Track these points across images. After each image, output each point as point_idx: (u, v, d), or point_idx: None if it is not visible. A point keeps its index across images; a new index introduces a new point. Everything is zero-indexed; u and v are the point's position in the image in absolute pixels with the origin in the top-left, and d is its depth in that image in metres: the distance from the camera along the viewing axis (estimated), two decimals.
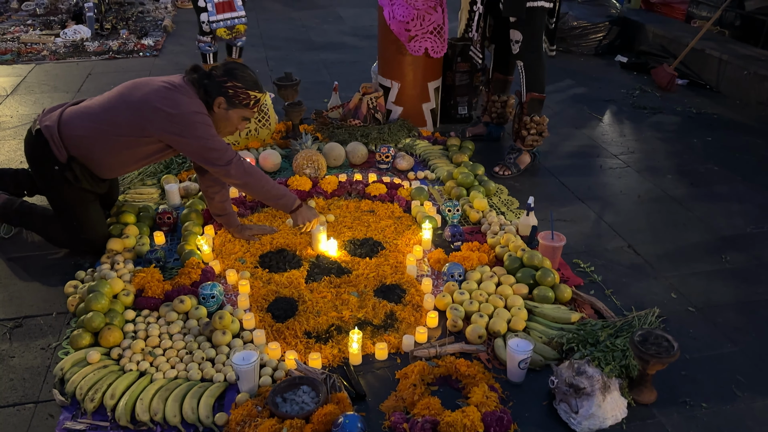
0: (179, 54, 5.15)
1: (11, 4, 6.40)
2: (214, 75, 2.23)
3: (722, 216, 2.80)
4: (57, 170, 2.25)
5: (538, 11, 2.92)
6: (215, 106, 2.24)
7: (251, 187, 2.32)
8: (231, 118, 2.29)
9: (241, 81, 2.23)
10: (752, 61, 4.22)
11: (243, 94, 2.24)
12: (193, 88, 2.22)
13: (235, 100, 2.24)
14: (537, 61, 3.03)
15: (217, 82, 2.22)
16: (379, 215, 2.75)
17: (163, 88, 2.19)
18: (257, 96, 2.28)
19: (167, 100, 2.16)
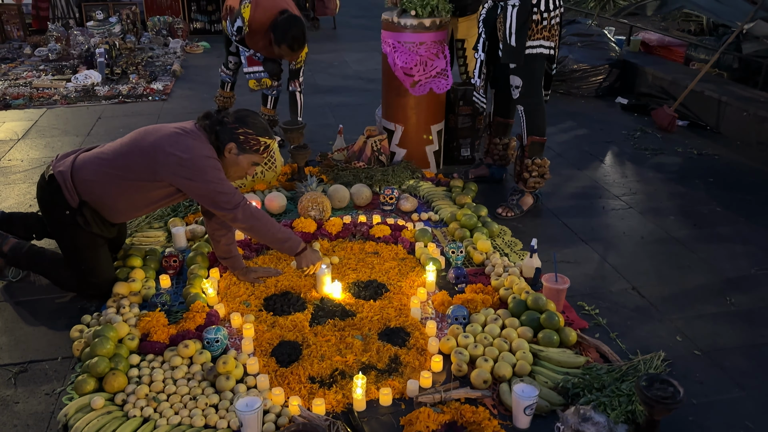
0: (188, 98, 5.25)
1: (25, 50, 6.56)
2: (226, 122, 2.31)
3: (726, 257, 2.80)
4: (68, 215, 2.29)
5: (537, 57, 2.99)
6: (226, 152, 2.30)
7: (257, 231, 2.36)
8: (241, 163, 2.34)
9: (252, 127, 2.31)
10: (751, 103, 4.28)
11: (253, 140, 2.31)
12: (204, 133, 2.29)
13: (246, 145, 2.31)
14: (537, 105, 3.09)
15: (229, 129, 2.29)
16: (384, 257, 2.77)
17: (175, 133, 2.25)
18: (267, 142, 2.35)
19: (179, 145, 2.22)
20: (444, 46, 3.51)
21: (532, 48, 2.95)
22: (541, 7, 2.90)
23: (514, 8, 2.90)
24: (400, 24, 3.42)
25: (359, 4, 10.29)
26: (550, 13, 2.94)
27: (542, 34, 2.95)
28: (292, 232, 2.48)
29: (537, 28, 2.93)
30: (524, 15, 2.90)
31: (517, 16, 2.90)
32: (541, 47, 2.96)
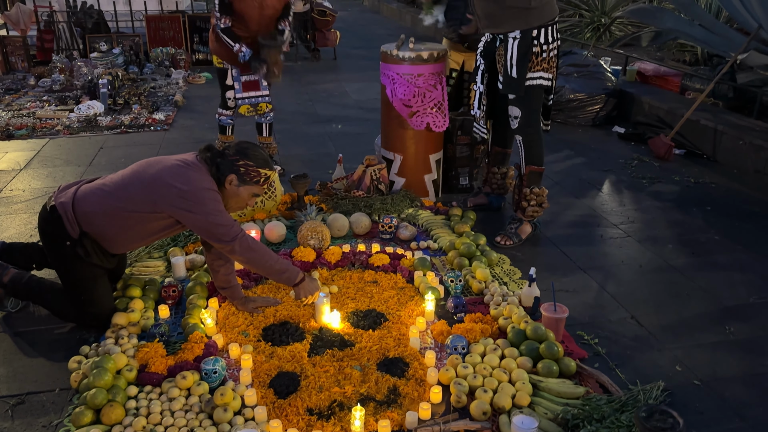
0: (189, 128, 5.31)
1: (29, 81, 6.65)
2: (227, 154, 2.35)
3: (725, 286, 2.81)
4: (69, 245, 2.30)
5: (537, 88, 3.04)
6: (227, 183, 2.34)
7: (255, 263, 2.38)
8: (241, 195, 2.38)
9: (252, 159, 2.35)
10: (747, 131, 4.32)
11: (254, 171, 2.35)
12: (205, 165, 2.33)
13: (246, 177, 2.35)
14: (535, 135, 3.13)
15: (230, 161, 2.33)
16: (382, 286, 2.77)
17: (176, 165, 2.29)
18: (267, 173, 2.39)
19: (179, 177, 2.25)
20: (441, 78, 3.57)
21: (532, 79, 3.01)
22: (541, 39, 2.96)
23: (515, 41, 2.96)
24: (398, 56, 3.48)
25: (359, 35, 10.46)
26: (549, 45, 3.00)
27: (542, 65, 3.00)
28: (290, 263, 2.50)
29: (537, 60, 2.99)
30: (525, 47, 2.96)
31: (518, 49, 2.96)
32: (541, 78, 3.02)
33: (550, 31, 3.00)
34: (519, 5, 2.90)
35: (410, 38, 3.63)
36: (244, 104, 4.08)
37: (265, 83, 4.11)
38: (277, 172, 3.45)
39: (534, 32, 2.95)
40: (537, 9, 2.92)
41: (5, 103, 5.91)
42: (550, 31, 3.00)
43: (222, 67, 4.04)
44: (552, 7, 3.01)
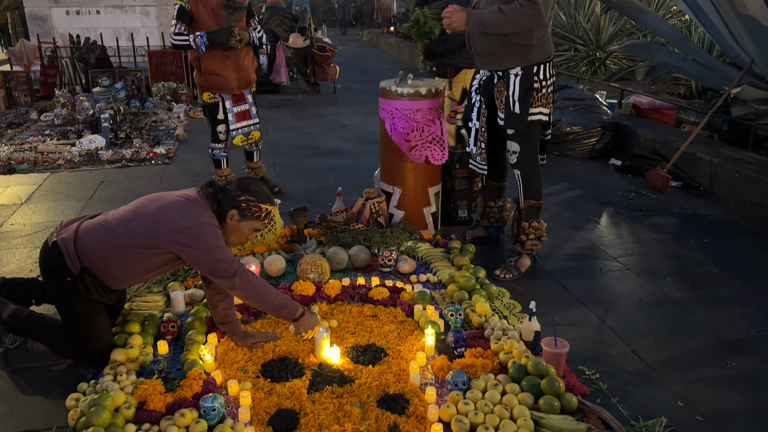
0: (190, 161, 5.35)
1: (31, 115, 6.73)
2: (228, 189, 2.37)
3: (725, 319, 2.80)
4: (69, 281, 2.31)
5: (535, 124, 3.09)
6: (228, 218, 2.36)
7: (254, 298, 2.38)
8: (242, 230, 2.40)
9: (254, 195, 2.38)
10: (742, 164, 4.36)
11: (255, 207, 2.37)
12: (207, 201, 2.35)
13: (248, 212, 2.37)
14: (533, 170, 3.16)
15: (231, 196, 2.36)
16: (382, 320, 2.77)
17: (178, 201, 2.31)
18: (268, 209, 2.41)
19: (181, 212, 2.27)
20: (439, 112, 3.62)
21: (533, 115, 3.05)
22: (540, 75, 3.02)
23: (516, 77, 3.02)
24: (397, 92, 3.54)
25: (358, 69, 10.62)
26: (547, 81, 3.06)
27: (541, 101, 3.06)
28: (290, 298, 2.50)
29: (537, 96, 3.04)
30: (527, 83, 3.01)
31: (520, 85, 3.01)
32: (540, 114, 3.07)
33: (548, 68, 3.06)
34: (522, 42, 2.96)
35: (408, 74, 3.69)
36: (238, 134, 4.16)
37: (255, 111, 4.20)
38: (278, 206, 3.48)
39: (534, 68, 3.01)
40: (538, 46, 2.98)
41: (7, 138, 5.96)
42: (548, 68, 3.06)
43: (212, 102, 4.08)
44: (550, 45, 3.09)
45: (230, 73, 3.99)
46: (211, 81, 3.98)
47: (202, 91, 4.09)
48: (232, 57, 3.96)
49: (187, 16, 3.81)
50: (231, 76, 4.00)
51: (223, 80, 3.98)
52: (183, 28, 3.81)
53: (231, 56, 3.95)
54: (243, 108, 4.16)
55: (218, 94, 4.07)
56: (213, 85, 4.00)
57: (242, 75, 4.06)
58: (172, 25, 3.83)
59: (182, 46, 3.86)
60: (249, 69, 4.11)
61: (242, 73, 4.05)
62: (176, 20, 3.81)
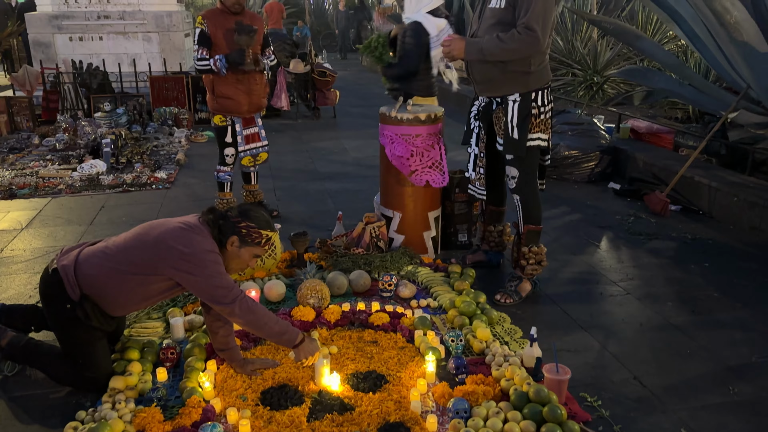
0: (191, 186, 5.37)
1: (33, 140, 6.76)
2: (229, 216, 2.38)
3: (726, 345, 2.79)
4: (69, 308, 2.31)
5: (534, 149, 3.11)
6: (228, 245, 2.36)
7: (254, 325, 2.38)
8: (242, 256, 2.40)
9: (254, 221, 2.39)
10: (741, 188, 4.38)
11: (255, 233, 2.38)
12: (207, 228, 2.35)
13: (248, 239, 2.38)
14: (532, 195, 3.18)
15: (232, 223, 2.37)
16: (383, 346, 2.75)
17: (179, 228, 2.32)
18: (269, 235, 2.42)
19: (181, 239, 2.28)
20: (439, 138, 3.65)
21: (531, 140, 3.08)
22: (539, 101, 3.06)
23: (515, 103, 3.05)
24: (396, 118, 3.57)
25: (358, 94, 10.71)
26: (545, 107, 3.09)
27: (539, 127, 3.09)
28: (290, 325, 2.49)
29: (535, 122, 3.07)
30: (525, 110, 3.04)
31: (518, 111, 3.05)
32: (539, 139, 3.10)
33: (546, 94, 3.10)
34: (519, 69, 2.99)
35: (408, 100, 3.73)
36: (246, 156, 4.28)
37: (263, 133, 4.34)
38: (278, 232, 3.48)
39: (533, 95, 3.04)
40: (536, 73, 3.02)
41: (9, 163, 5.99)
42: (546, 94, 3.10)
43: (222, 126, 4.19)
44: (548, 71, 3.13)
45: (242, 97, 4.11)
46: (224, 104, 4.11)
47: (214, 113, 4.21)
48: (245, 81, 4.08)
49: (208, 40, 3.96)
50: (242, 100, 4.12)
51: (235, 104, 4.11)
52: (205, 53, 3.97)
53: (243, 80, 4.07)
54: (253, 131, 4.30)
55: (229, 117, 4.19)
56: (225, 108, 4.13)
57: (253, 99, 4.18)
58: (195, 51, 4.00)
59: (205, 70, 4.01)
60: (260, 94, 4.23)
61: (253, 98, 4.17)
62: (198, 45, 3.97)
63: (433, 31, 3.95)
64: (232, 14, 3.99)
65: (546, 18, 2.89)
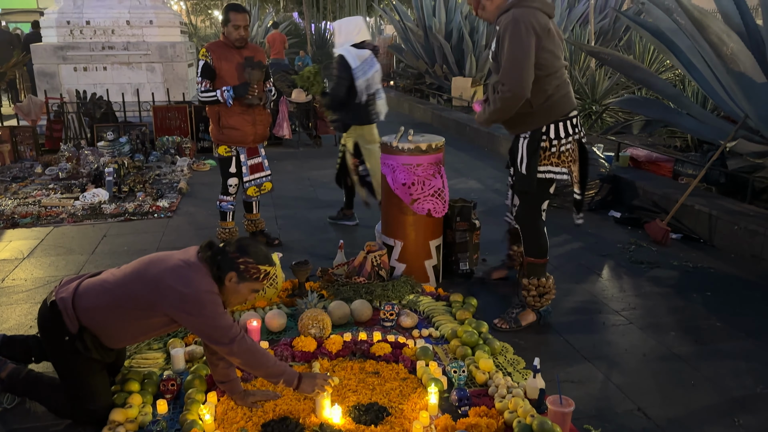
0: (193, 214, 5.38)
1: (36, 169, 6.80)
2: (227, 251, 2.37)
3: (730, 375, 2.77)
4: (67, 341, 2.30)
5: (544, 182, 3.11)
6: (226, 281, 2.35)
7: (252, 365, 2.38)
8: (241, 291, 2.40)
9: (252, 257, 2.37)
10: (741, 217, 4.39)
11: (254, 268, 2.37)
12: (206, 265, 2.34)
13: (246, 274, 2.36)
14: (532, 227, 3.18)
15: (230, 258, 2.35)
16: (384, 377, 2.73)
17: (178, 266, 2.31)
18: (267, 270, 2.41)
19: (181, 279, 2.28)
20: (440, 167, 3.68)
21: (540, 173, 3.09)
22: (551, 134, 3.06)
23: (524, 140, 3.08)
24: (398, 147, 3.60)
25: None
26: (561, 140, 3.07)
27: (550, 160, 3.09)
28: (288, 367, 2.47)
29: (545, 155, 3.08)
30: (534, 145, 3.06)
31: (527, 147, 3.08)
32: (550, 172, 3.10)
33: (563, 126, 3.06)
34: (521, 111, 3.01)
35: (409, 130, 3.77)
36: (251, 186, 4.32)
37: (267, 163, 4.40)
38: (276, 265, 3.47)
39: (543, 128, 3.05)
40: (540, 111, 3.02)
41: (11, 192, 6.02)
42: (563, 126, 3.06)
43: (227, 156, 4.23)
44: (561, 105, 3.06)
45: (248, 128, 4.17)
46: (230, 135, 4.17)
47: (219, 144, 4.26)
48: (250, 112, 4.15)
49: (212, 72, 4.03)
50: (248, 130, 4.18)
51: (241, 134, 4.17)
52: (208, 85, 4.04)
53: (249, 111, 4.14)
54: (257, 161, 4.36)
55: (234, 147, 4.24)
56: (231, 138, 4.19)
57: (258, 129, 4.25)
58: (198, 83, 4.07)
59: (210, 102, 4.08)
60: (265, 124, 4.31)
61: (258, 128, 4.24)
62: (201, 77, 4.04)
63: (354, 62, 4.39)
64: (236, 48, 4.05)
65: (517, 69, 2.86)
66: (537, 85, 2.95)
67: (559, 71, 3.04)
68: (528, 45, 2.85)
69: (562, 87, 3.07)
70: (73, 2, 8.90)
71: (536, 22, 2.87)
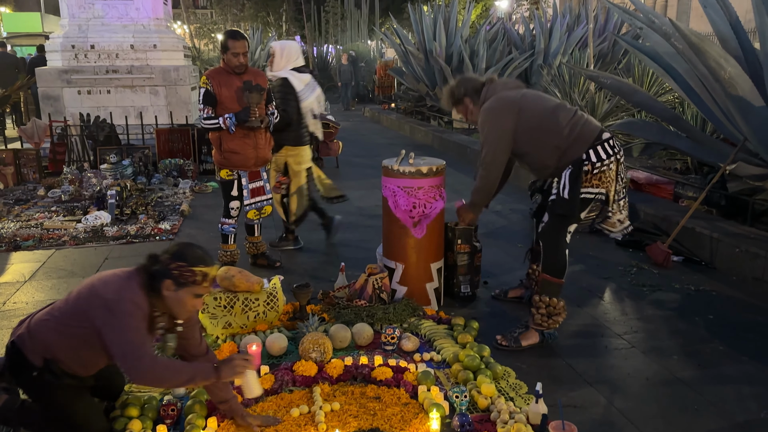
0: (195, 237, 5.38)
1: (38, 192, 6.84)
2: (161, 259, 2.28)
3: (734, 400, 2.75)
4: (36, 376, 2.26)
5: (582, 202, 3.16)
6: (164, 290, 2.25)
7: (162, 383, 2.32)
8: (182, 299, 2.28)
9: (185, 260, 2.25)
10: (742, 239, 4.39)
11: (188, 272, 2.24)
12: (141, 277, 2.27)
13: (181, 279, 2.25)
14: (554, 244, 3.19)
15: (164, 266, 2.26)
16: (386, 402, 2.72)
17: (112, 275, 2.28)
18: (203, 271, 2.27)
19: (108, 286, 2.23)
20: (441, 190, 3.70)
21: (585, 193, 3.15)
22: (593, 159, 3.10)
23: (568, 170, 3.12)
24: (399, 171, 3.63)
25: (360, 144, 10.86)
26: (603, 161, 3.11)
27: (591, 182, 3.13)
28: (197, 366, 2.37)
29: (586, 177, 3.12)
30: (577, 172, 3.11)
31: (570, 175, 3.12)
32: (589, 193, 3.14)
33: (601, 149, 3.12)
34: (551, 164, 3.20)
35: (410, 153, 3.79)
36: (252, 209, 4.35)
37: (268, 187, 4.43)
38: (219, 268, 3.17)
39: (584, 156, 3.11)
40: (568, 150, 3.14)
41: (14, 214, 6.03)
42: (601, 149, 3.12)
43: (229, 180, 4.26)
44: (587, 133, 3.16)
45: (249, 152, 4.20)
46: (231, 159, 4.20)
47: (221, 168, 4.29)
48: (251, 136, 4.18)
49: (213, 99, 4.07)
50: (250, 154, 4.21)
51: (242, 158, 4.20)
52: (211, 112, 4.08)
53: (250, 135, 4.17)
54: (258, 184, 4.38)
55: (236, 171, 4.26)
56: (232, 162, 4.22)
57: (260, 153, 4.27)
58: (200, 110, 4.12)
59: (213, 128, 4.13)
60: (266, 147, 4.33)
61: (260, 152, 4.27)
62: (203, 104, 4.08)
63: (299, 85, 4.57)
64: (236, 74, 4.10)
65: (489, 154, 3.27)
66: (544, 148, 3.20)
67: (559, 119, 3.17)
68: (497, 130, 3.25)
69: (576, 124, 3.17)
70: (78, 27, 9.01)
71: (505, 105, 3.24)
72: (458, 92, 3.48)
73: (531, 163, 3.37)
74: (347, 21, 24.68)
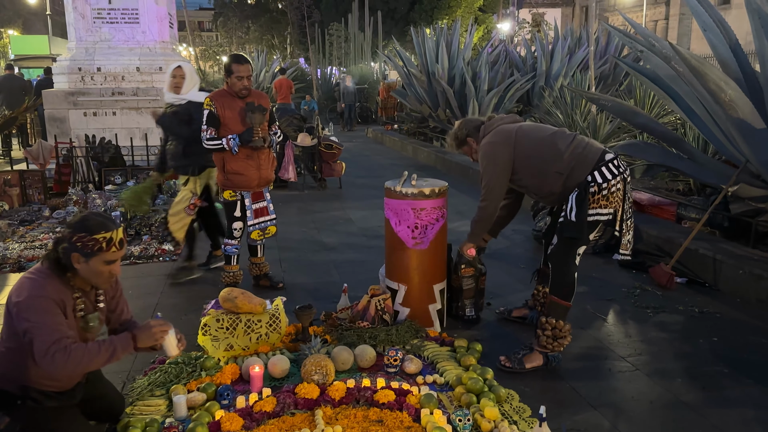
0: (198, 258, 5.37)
1: (43, 213, 6.87)
2: (65, 236, 2.27)
3: (739, 424, 2.73)
4: (21, 404, 2.26)
5: (591, 224, 3.17)
6: (75, 264, 2.25)
7: (82, 366, 2.24)
8: (95, 268, 2.27)
9: (86, 230, 2.24)
10: (746, 261, 4.39)
11: (90, 241, 2.23)
12: (47, 265, 2.27)
13: (86, 250, 2.24)
14: (563, 266, 3.20)
15: (67, 241, 2.25)
16: (388, 425, 2.70)
17: (22, 278, 2.27)
18: (106, 236, 2.25)
19: (17, 290, 2.23)
20: (443, 211, 3.71)
21: (590, 216, 3.15)
22: (598, 179, 3.12)
23: (575, 192, 3.14)
24: (401, 192, 3.65)
25: (363, 165, 10.91)
26: (609, 182, 3.13)
27: (599, 203, 3.14)
28: (112, 340, 2.32)
29: (593, 198, 3.13)
30: (583, 194, 3.12)
31: (575, 199, 3.14)
32: (597, 215, 3.16)
33: (606, 170, 3.13)
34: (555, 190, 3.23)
35: (413, 175, 3.82)
36: (255, 230, 4.37)
37: (272, 207, 4.46)
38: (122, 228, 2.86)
39: (588, 177, 3.13)
40: (569, 178, 3.17)
41: (19, 235, 6.06)
42: (606, 170, 3.13)
43: (232, 201, 4.29)
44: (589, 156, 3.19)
45: (252, 172, 4.23)
46: (234, 180, 4.23)
47: (224, 189, 4.33)
48: (254, 157, 4.22)
49: (216, 120, 4.13)
50: (253, 175, 4.24)
51: (245, 179, 4.23)
52: (213, 133, 4.14)
53: (253, 156, 4.21)
54: (261, 205, 4.41)
55: (239, 192, 4.29)
56: (235, 183, 4.25)
57: (263, 174, 4.31)
58: (204, 131, 4.16)
59: (216, 149, 4.17)
60: (269, 168, 4.37)
61: (263, 172, 4.31)
62: (207, 126, 4.14)
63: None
64: (240, 97, 4.16)
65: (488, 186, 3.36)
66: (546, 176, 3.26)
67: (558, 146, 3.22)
68: (495, 162, 3.34)
69: (576, 148, 3.21)
70: (85, 50, 9.15)
71: (501, 137, 3.34)
72: (461, 134, 3.59)
73: (536, 191, 3.42)
74: (351, 44, 24.96)
